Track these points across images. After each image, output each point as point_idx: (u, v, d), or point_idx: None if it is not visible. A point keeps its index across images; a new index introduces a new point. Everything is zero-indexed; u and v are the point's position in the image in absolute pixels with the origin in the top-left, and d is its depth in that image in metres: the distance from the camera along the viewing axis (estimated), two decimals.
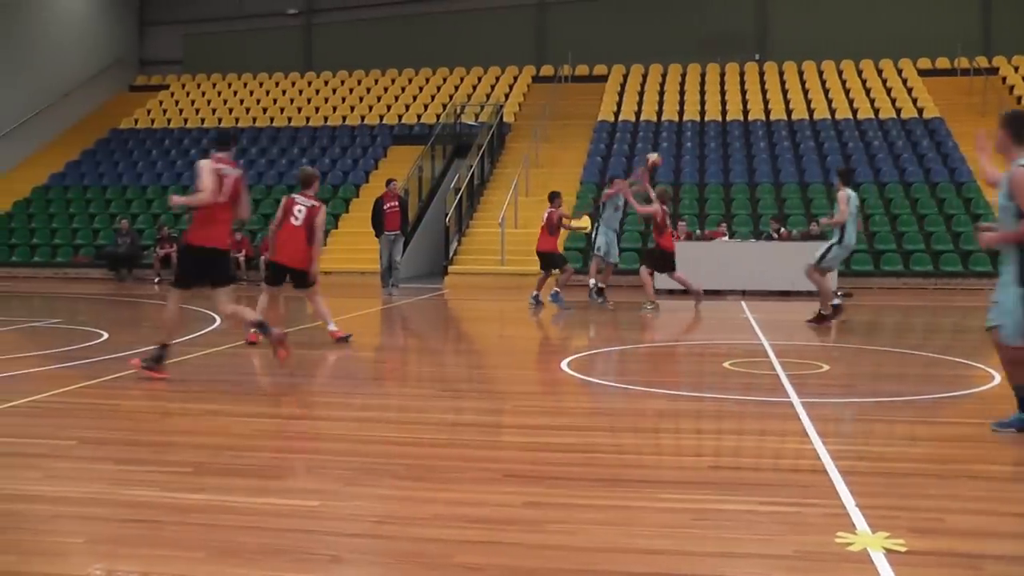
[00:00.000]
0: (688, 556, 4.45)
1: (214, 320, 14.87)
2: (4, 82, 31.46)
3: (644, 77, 33.40)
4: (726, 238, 21.83)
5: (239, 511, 5.12)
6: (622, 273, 21.10)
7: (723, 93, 31.71)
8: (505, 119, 30.84)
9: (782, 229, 22.10)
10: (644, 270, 17.19)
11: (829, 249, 13.87)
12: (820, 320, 13.84)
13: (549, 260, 17.03)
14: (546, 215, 16.87)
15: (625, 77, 33.48)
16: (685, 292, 17.91)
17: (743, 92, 31.73)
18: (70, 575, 4.29)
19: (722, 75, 32.92)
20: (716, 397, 8.53)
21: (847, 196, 13.67)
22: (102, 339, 12.56)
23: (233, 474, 5.89)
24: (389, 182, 20.99)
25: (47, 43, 33.58)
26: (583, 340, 12.70)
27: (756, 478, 5.88)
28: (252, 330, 11.18)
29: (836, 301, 14.21)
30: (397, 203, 20.51)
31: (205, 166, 9.40)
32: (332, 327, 12.32)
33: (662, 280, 17.74)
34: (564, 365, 10.32)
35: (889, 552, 4.38)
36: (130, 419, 7.77)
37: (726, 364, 10.37)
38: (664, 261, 17.13)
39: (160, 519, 4.99)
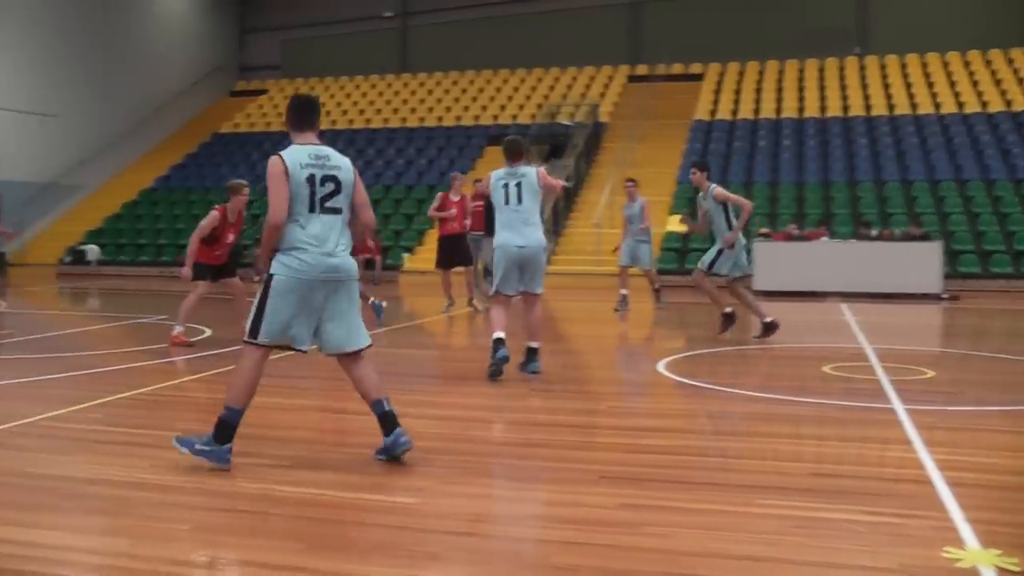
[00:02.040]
0: (788, 565, 4.38)
1: None
2: (113, 91, 32.30)
3: (741, 75, 33.02)
4: (826, 238, 21.47)
5: (337, 506, 5.18)
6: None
7: (822, 89, 31.19)
8: (601, 119, 30.74)
9: (884, 231, 21.70)
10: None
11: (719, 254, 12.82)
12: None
13: None
14: None
15: (721, 75, 33.14)
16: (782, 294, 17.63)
17: (843, 88, 31.15)
18: (176, 560, 4.39)
19: (821, 71, 32.36)
20: (815, 402, 8.35)
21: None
22: (205, 335, 12.80)
23: (331, 469, 5.95)
24: (476, 181, 20.94)
25: (152, 53, 34.39)
26: (680, 341, 12.61)
27: (858, 487, 5.70)
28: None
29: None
30: (483, 202, 20.42)
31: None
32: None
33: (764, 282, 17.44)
34: (660, 366, 10.26)
35: (1002, 571, 4.20)
36: None
37: (825, 368, 10.19)
38: None
39: (261, 510, 5.08)
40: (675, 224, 18.51)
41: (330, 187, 6.06)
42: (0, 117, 27.87)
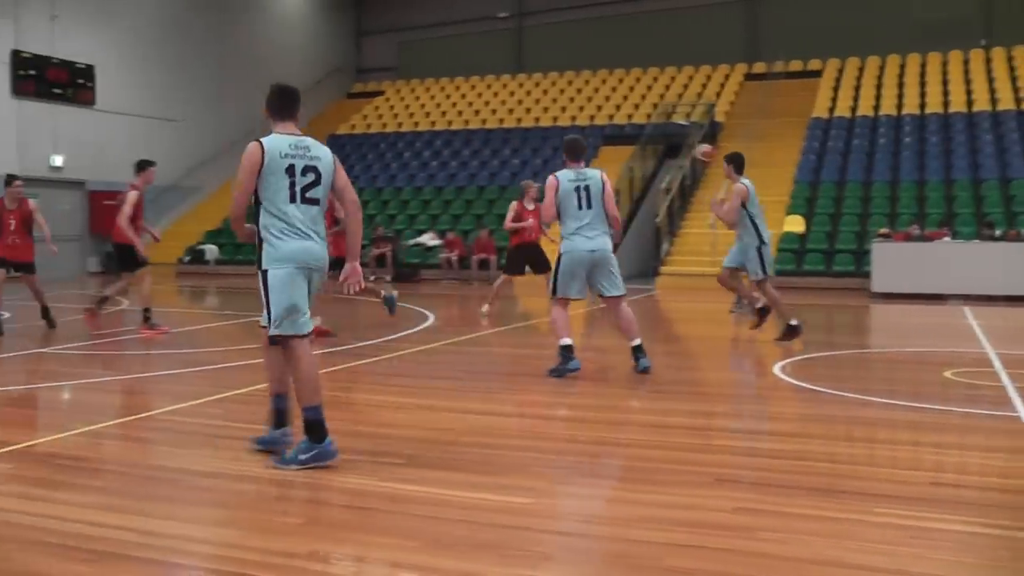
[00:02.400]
0: None
1: (428, 317, 15.20)
2: (232, 95, 32.99)
3: (860, 70, 32.31)
4: (948, 239, 20.92)
5: (452, 504, 5.21)
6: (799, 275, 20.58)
7: (945, 84, 30.34)
8: (717, 118, 30.44)
9: (1010, 231, 21.09)
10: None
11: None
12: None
13: None
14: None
15: (840, 71, 32.50)
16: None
17: (967, 82, 30.23)
18: (290, 552, 4.45)
19: (944, 64, 31.49)
20: (936, 408, 8.11)
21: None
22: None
23: (447, 468, 5.99)
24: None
25: (270, 57, 35.02)
26: (796, 344, 12.41)
27: (980, 498, 5.54)
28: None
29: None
30: None
31: None
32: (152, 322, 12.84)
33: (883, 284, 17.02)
34: (777, 369, 10.13)
35: None
36: (349, 410, 8.00)
37: (947, 373, 9.93)
38: None
39: (375, 507, 5.13)
40: (793, 224, 18.22)
41: (311, 177, 6.07)
42: (128, 123, 28.67)
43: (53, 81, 26.23)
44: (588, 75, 35.77)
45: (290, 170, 6.02)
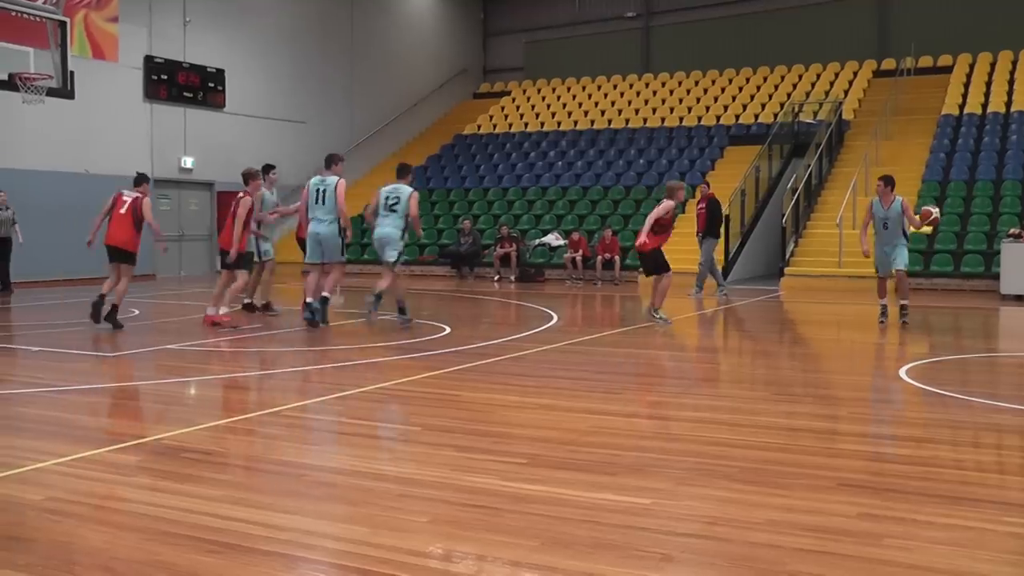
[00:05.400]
0: None
1: (551, 317, 15.22)
2: (359, 97, 33.48)
3: (992, 66, 31.39)
4: None
5: (573, 504, 5.22)
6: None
7: None
8: (844, 116, 29.85)
9: None
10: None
11: None
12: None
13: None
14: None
15: (971, 66, 31.62)
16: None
17: None
18: (414, 550, 4.51)
19: None
20: None
21: None
22: (445, 333, 13.11)
23: (567, 468, 6.00)
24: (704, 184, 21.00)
25: (398, 58, 35.44)
26: (924, 347, 12.14)
27: None
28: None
29: None
30: (706, 204, 20.29)
31: None
32: (211, 311, 13.62)
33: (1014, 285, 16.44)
34: (903, 372, 9.91)
35: None
36: (470, 409, 8.07)
37: None
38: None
39: (497, 506, 5.16)
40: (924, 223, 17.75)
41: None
42: (257, 125, 29.28)
43: (184, 85, 26.92)
44: (714, 74, 35.43)
45: None
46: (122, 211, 13.62)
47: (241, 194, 14.28)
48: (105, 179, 24.43)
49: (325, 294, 13.74)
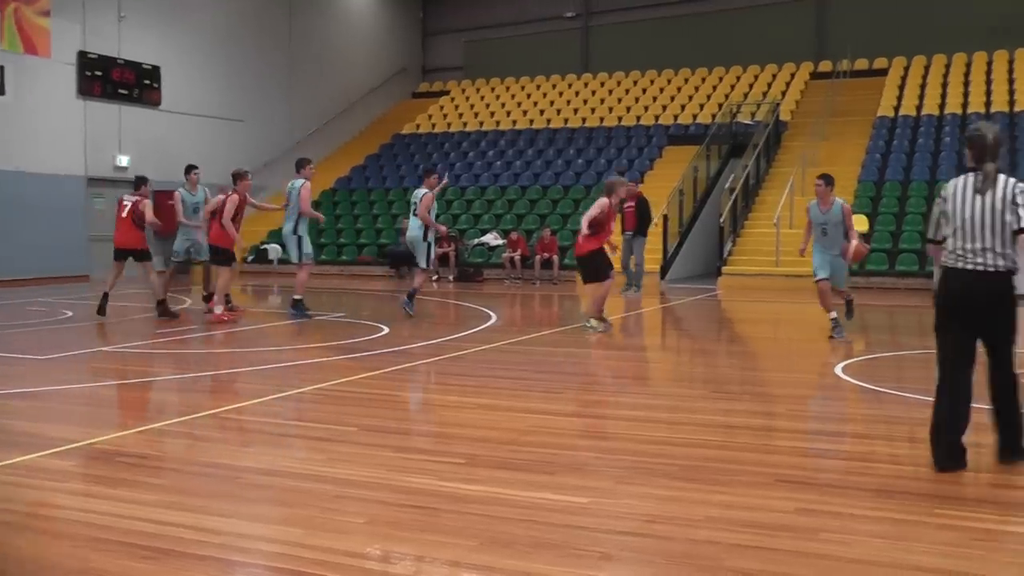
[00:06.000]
0: None
1: (490, 317, 15.22)
2: (298, 95, 33.26)
3: (926, 69, 31.87)
4: None
5: (512, 504, 5.20)
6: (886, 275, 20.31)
7: (1011, 82, 29.76)
8: (782, 117, 30.14)
9: None
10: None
11: None
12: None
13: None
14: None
15: (906, 69, 32.06)
16: None
17: None
18: (351, 551, 4.46)
19: (1011, 62, 30.88)
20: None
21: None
22: (383, 333, 13.04)
23: (506, 467, 5.98)
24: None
25: (336, 57, 35.25)
26: (860, 344, 12.26)
27: None
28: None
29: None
30: (634, 203, 20.42)
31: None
32: (217, 310, 14.23)
33: None
34: (839, 370, 10.01)
35: None
36: (408, 410, 8.04)
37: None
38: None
39: (435, 506, 5.13)
40: (857, 223, 17.95)
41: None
42: (194, 123, 28.96)
43: (119, 82, 26.50)
44: (653, 75, 35.60)
45: None
46: (123, 215, 14.62)
47: (230, 192, 14.71)
48: (38, 178, 24.10)
49: (296, 296, 14.66)
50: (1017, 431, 6.10)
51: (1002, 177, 6.10)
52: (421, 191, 14.82)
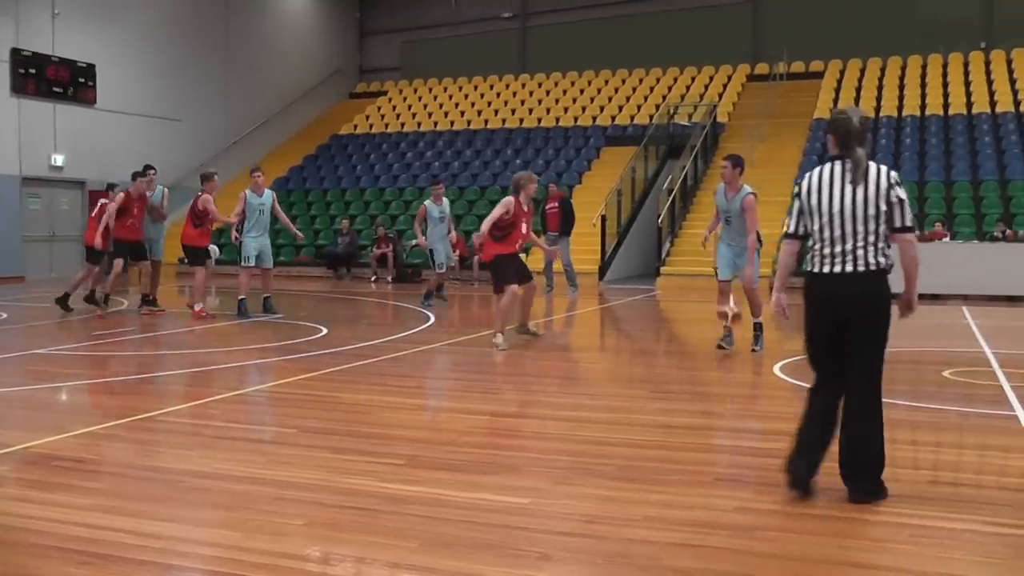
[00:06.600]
0: (904, 574, 4.30)
1: (428, 318, 15.21)
2: (234, 95, 33.03)
3: (862, 71, 32.31)
4: (947, 239, 20.93)
5: (451, 505, 5.22)
6: None
7: (945, 86, 30.29)
8: (719, 119, 30.43)
9: (1007, 231, 21.10)
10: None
11: None
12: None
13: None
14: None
15: (842, 72, 32.49)
16: None
17: (967, 84, 30.13)
18: (290, 554, 4.47)
19: (944, 66, 31.44)
20: (934, 408, 8.15)
21: None
22: (322, 334, 13.00)
23: (445, 468, 6.00)
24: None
25: (273, 58, 35.05)
26: (797, 344, 12.40)
27: (978, 495, 5.58)
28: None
29: None
30: (557, 204, 20.58)
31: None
32: (198, 306, 14.94)
33: None
34: (776, 369, 10.14)
35: None
36: (347, 411, 8.02)
37: (945, 373, 9.96)
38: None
39: (375, 508, 5.14)
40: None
41: None
42: (130, 122, 28.63)
43: (53, 80, 26.14)
44: (591, 75, 35.74)
45: None
46: (134, 211, 15.30)
47: (199, 193, 15.18)
48: None
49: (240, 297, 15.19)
50: (864, 468, 5.30)
51: (873, 165, 5.38)
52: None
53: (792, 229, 5.67)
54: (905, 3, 32.39)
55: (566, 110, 33.51)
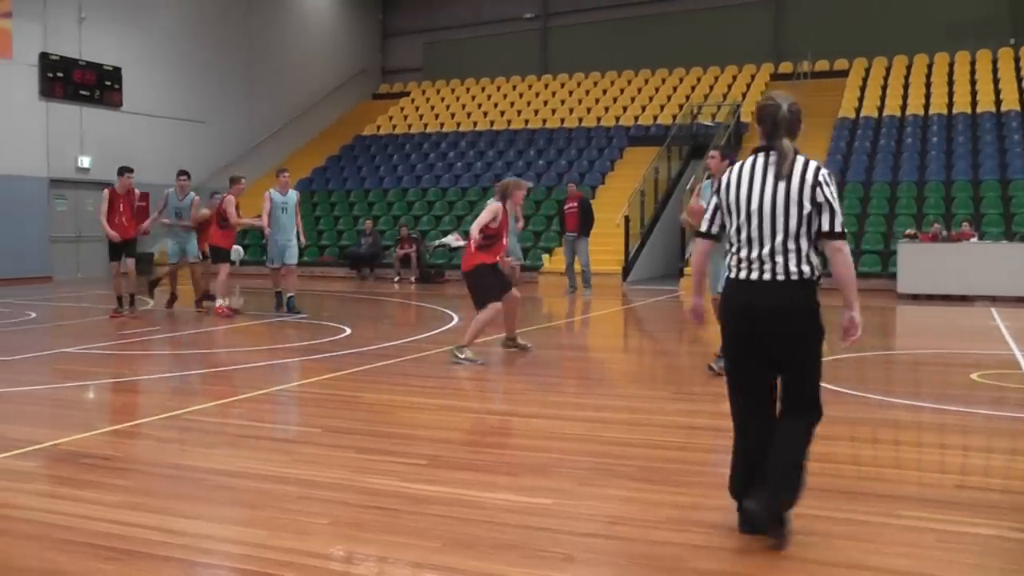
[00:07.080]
0: None
1: (452, 318, 15.23)
2: (258, 97, 33.17)
3: (887, 70, 32.09)
4: (975, 239, 20.77)
5: (474, 505, 5.22)
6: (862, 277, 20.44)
7: (973, 83, 30.02)
8: (742, 119, 30.32)
9: None
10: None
11: None
12: None
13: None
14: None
15: (867, 71, 32.27)
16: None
17: (995, 81, 29.88)
18: (314, 552, 4.49)
19: (972, 63, 31.17)
20: (962, 411, 8.08)
21: None
22: (346, 334, 13.03)
23: (469, 469, 6.01)
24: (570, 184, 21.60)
25: (296, 59, 35.16)
26: (824, 345, 12.36)
27: (1006, 501, 5.51)
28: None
29: None
30: (576, 204, 20.65)
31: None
32: (220, 303, 15.32)
33: (909, 285, 16.71)
34: None
35: None
36: (371, 411, 8.03)
37: (973, 376, 9.88)
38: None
39: (398, 508, 5.15)
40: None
41: None
42: (155, 124, 28.79)
43: (80, 83, 26.35)
44: (613, 76, 35.69)
45: None
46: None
47: (225, 194, 15.79)
48: (0, 179, 23.91)
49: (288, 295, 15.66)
50: (777, 492, 4.62)
51: (801, 158, 4.78)
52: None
53: (705, 227, 4.94)
54: (930, 1, 32.14)
55: (588, 110, 33.46)
